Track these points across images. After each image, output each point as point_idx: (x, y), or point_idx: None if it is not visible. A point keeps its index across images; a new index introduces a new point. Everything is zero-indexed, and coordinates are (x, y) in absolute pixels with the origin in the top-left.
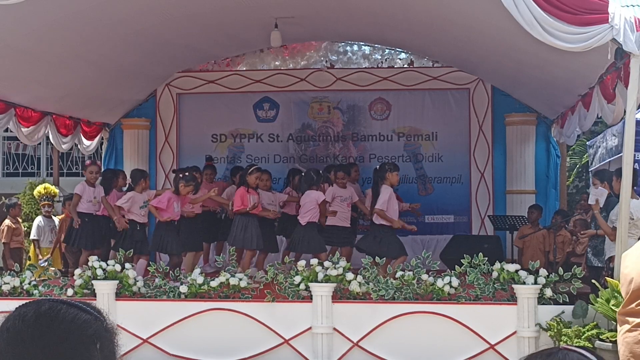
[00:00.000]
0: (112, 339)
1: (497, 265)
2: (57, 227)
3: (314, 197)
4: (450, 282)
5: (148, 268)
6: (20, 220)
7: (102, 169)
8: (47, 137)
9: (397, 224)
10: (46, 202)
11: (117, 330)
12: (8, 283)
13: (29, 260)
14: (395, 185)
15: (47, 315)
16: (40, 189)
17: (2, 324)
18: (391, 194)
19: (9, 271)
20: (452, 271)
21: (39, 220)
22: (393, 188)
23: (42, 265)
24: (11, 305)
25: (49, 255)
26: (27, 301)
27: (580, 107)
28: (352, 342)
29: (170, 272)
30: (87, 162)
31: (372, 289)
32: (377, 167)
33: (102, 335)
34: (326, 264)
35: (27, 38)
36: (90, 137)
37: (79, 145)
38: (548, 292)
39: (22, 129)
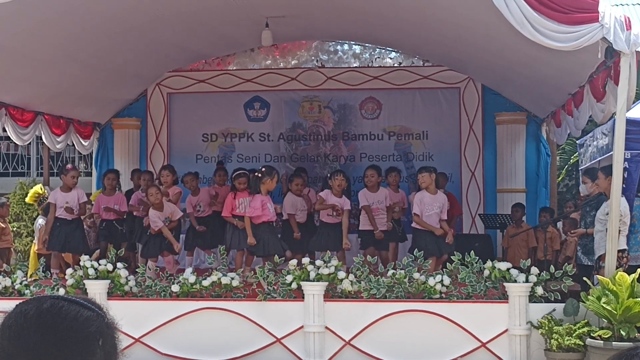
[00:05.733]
0: (114, 335)
1: (489, 263)
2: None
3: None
4: (442, 280)
5: (137, 270)
6: (7, 220)
7: (95, 169)
8: (38, 137)
9: None
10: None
11: (118, 325)
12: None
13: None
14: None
15: (49, 313)
16: (38, 190)
17: (3, 321)
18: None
19: None
20: (444, 269)
21: (39, 223)
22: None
23: None
24: (3, 305)
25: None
26: (27, 299)
27: (574, 106)
28: (344, 340)
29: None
30: (68, 166)
31: (363, 287)
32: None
33: (104, 332)
34: (318, 262)
35: (16, 37)
36: (85, 137)
37: (76, 145)
38: (539, 290)
39: (18, 130)
